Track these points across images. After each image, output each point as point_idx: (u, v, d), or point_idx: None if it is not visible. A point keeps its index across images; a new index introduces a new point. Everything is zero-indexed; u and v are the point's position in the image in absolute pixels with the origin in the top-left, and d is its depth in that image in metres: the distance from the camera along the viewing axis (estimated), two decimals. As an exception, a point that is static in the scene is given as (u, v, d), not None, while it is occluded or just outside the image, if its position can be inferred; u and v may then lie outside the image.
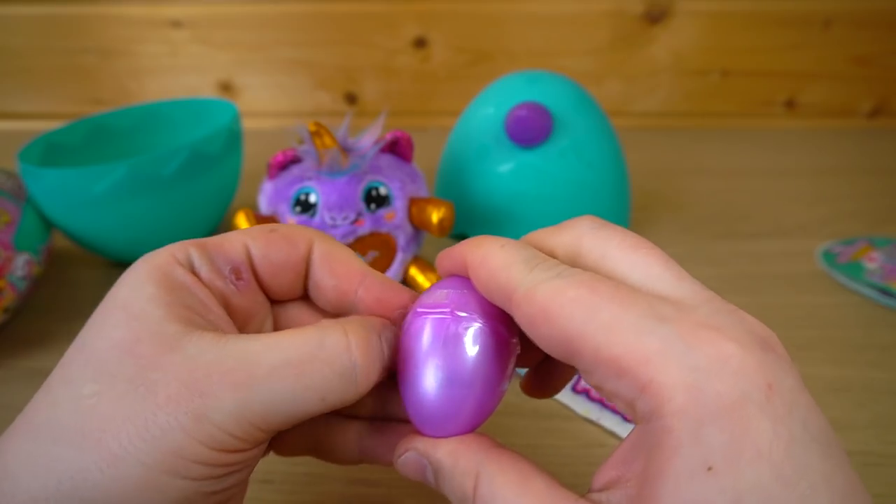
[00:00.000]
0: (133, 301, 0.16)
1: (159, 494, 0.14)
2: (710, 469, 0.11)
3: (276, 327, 0.20)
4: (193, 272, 0.17)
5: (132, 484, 0.14)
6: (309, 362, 0.15)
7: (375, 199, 0.37)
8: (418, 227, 0.39)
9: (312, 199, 0.36)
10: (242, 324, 0.19)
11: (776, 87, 0.71)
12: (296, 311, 0.21)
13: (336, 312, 0.20)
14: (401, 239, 0.38)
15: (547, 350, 0.15)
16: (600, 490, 0.14)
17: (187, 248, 0.17)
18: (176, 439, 0.14)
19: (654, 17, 0.68)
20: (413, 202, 0.38)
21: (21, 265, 0.37)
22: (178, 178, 0.41)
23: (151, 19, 0.71)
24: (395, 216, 0.37)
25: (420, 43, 0.71)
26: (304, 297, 0.21)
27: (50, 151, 0.46)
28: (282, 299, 0.20)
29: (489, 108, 0.44)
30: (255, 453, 0.16)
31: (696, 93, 0.72)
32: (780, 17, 0.67)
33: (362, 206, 0.37)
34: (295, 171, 0.38)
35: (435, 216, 0.37)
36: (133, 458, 0.14)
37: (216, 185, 0.45)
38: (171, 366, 0.15)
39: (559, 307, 0.14)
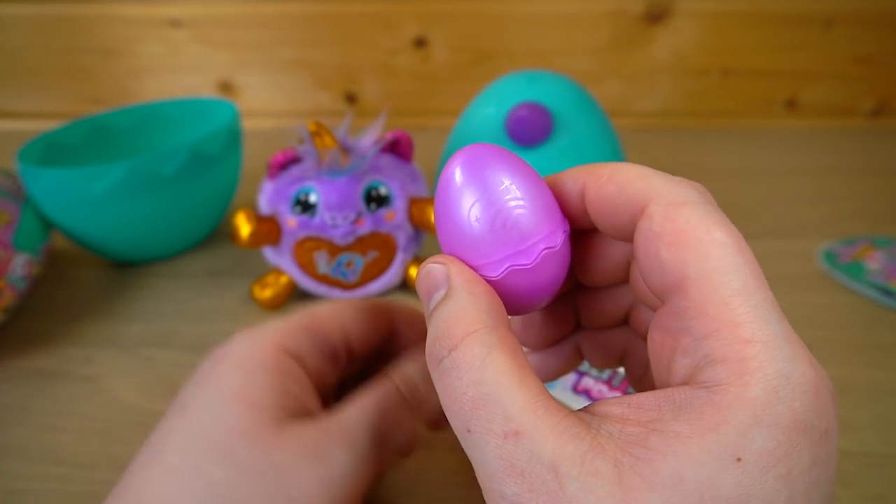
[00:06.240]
0: (250, 391, 0.17)
1: None
2: (738, 460, 0.11)
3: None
4: (299, 358, 0.19)
5: None
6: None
7: (375, 199, 0.37)
8: (418, 227, 0.39)
9: (312, 198, 0.36)
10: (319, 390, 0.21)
11: (777, 86, 0.71)
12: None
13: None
14: (401, 239, 0.38)
15: (643, 268, 0.14)
16: (595, 415, 0.13)
17: (296, 337, 0.19)
18: None
19: (654, 17, 0.68)
20: (413, 202, 0.38)
21: (20, 265, 0.37)
22: (178, 178, 0.41)
23: (151, 19, 0.71)
24: (395, 216, 0.37)
25: (420, 43, 0.71)
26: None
27: (49, 151, 0.46)
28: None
29: (489, 108, 0.44)
30: None
31: (696, 93, 0.72)
32: (781, 17, 0.67)
33: (362, 205, 0.36)
34: (295, 170, 0.38)
35: (435, 216, 0.37)
36: None
37: (216, 185, 0.45)
38: (288, 449, 0.17)
39: (698, 241, 0.13)
